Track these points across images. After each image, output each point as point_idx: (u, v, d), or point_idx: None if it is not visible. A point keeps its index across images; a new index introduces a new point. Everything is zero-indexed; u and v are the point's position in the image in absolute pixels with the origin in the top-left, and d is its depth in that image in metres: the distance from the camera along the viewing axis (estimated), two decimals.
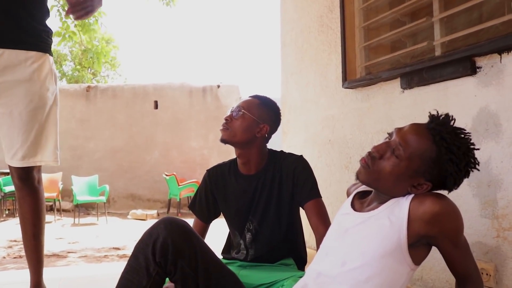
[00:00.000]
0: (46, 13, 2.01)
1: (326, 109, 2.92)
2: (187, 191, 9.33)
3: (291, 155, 1.96)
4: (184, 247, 1.49)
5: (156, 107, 10.28)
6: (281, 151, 2.02)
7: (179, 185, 9.23)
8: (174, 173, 9.47)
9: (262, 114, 1.93)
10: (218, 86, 10.20)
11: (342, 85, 2.63)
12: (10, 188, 8.51)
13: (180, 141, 10.20)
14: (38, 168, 2.02)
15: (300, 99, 3.29)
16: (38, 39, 1.93)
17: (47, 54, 1.97)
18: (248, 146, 1.89)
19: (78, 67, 21.46)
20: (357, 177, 1.38)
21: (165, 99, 10.26)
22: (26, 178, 1.99)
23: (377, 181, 1.32)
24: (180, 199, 9.26)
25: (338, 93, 2.78)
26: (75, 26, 6.43)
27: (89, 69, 20.23)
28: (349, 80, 2.58)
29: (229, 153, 9.97)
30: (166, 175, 9.43)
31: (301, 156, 1.96)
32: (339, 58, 2.76)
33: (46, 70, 1.94)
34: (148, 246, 1.47)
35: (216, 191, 1.99)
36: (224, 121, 1.93)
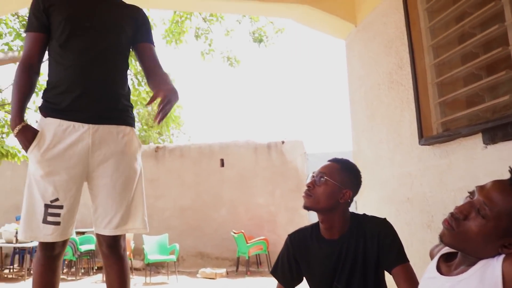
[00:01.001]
0: (129, 90, 2.16)
1: (402, 166, 2.87)
2: (256, 249, 9.27)
3: (374, 218, 1.93)
4: None
5: (222, 165, 10.48)
6: (364, 214, 1.99)
7: (247, 243, 9.20)
8: (242, 231, 9.47)
9: (344, 179, 1.93)
10: (283, 142, 10.30)
11: (419, 142, 2.58)
12: (86, 247, 8.83)
13: (246, 198, 10.27)
14: (124, 237, 2.10)
15: (373, 156, 3.26)
16: (126, 115, 2.07)
17: (134, 128, 2.10)
18: (331, 212, 1.88)
19: (145, 127, 22.44)
20: (441, 240, 1.34)
21: (231, 156, 10.45)
22: (114, 246, 2.06)
23: (463, 243, 1.27)
24: (249, 257, 9.19)
25: (414, 150, 2.73)
26: (146, 92, 6.80)
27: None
28: (426, 137, 2.53)
29: (296, 209, 9.87)
30: (234, 233, 9.45)
31: (385, 219, 1.92)
32: (412, 114, 2.73)
33: (135, 143, 2.07)
34: None
35: (299, 256, 1.98)
36: (306, 187, 1.94)
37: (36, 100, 6.78)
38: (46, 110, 1.98)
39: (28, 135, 1.93)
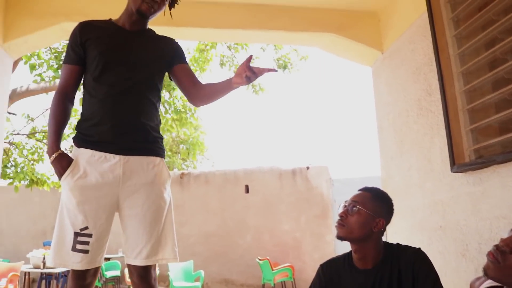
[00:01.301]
0: (160, 122, 2.20)
1: (434, 194, 2.82)
2: (281, 275, 9.15)
3: (408, 248, 1.90)
4: None
5: (247, 191, 10.47)
6: (397, 243, 1.96)
7: (272, 270, 9.10)
8: (267, 257, 9.38)
9: (377, 208, 1.91)
10: (308, 168, 10.26)
11: (451, 169, 2.54)
12: (111, 273, 8.85)
13: (271, 224, 10.20)
14: (155, 267, 2.10)
15: (403, 183, 3.22)
16: (156, 146, 2.10)
17: (163, 159, 2.12)
18: (365, 241, 1.86)
19: (169, 153, 22.64)
20: (485, 273, 1.30)
21: (256, 182, 10.44)
22: (145, 276, 2.06)
23: (510, 277, 1.23)
24: (274, 284, 9.08)
25: (446, 177, 2.69)
26: (173, 120, 6.89)
27: (179, 154, 21.24)
28: (458, 164, 2.49)
29: (322, 235, 9.75)
30: (259, 260, 9.37)
31: (419, 249, 1.89)
32: (443, 141, 2.70)
33: (165, 173, 2.09)
34: None
35: (331, 287, 1.95)
36: (338, 217, 1.93)
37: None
38: (79, 140, 2.03)
39: (63, 163, 1.98)
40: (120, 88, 2.01)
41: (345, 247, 2.00)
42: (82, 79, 2.12)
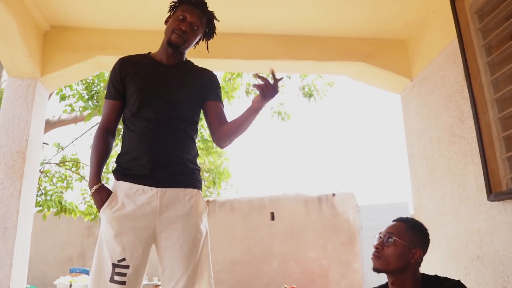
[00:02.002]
0: (197, 154, 2.22)
1: (469, 222, 2.77)
2: None
3: (447, 279, 1.87)
4: None
5: (272, 218, 10.41)
6: (435, 275, 1.93)
7: None
8: (294, 285, 9.26)
9: (413, 239, 1.90)
10: (334, 195, 10.17)
11: (488, 198, 2.50)
12: None
13: (297, 252, 10.09)
14: None
15: (436, 211, 3.17)
16: (193, 178, 2.11)
17: (200, 190, 2.14)
18: (402, 273, 1.84)
19: None
20: None
21: (281, 210, 10.39)
22: None
23: None
24: None
25: (482, 205, 2.64)
26: (199, 149, 6.95)
27: (204, 181, 21.29)
28: (495, 192, 2.45)
29: (349, 262, 9.60)
30: None
31: (459, 281, 1.85)
32: (477, 169, 2.67)
33: (202, 205, 2.10)
34: None
35: None
36: (374, 249, 1.91)
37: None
38: (118, 173, 2.07)
39: (102, 196, 2.02)
40: (157, 123, 2.05)
41: (373, 275, 1.98)
42: (122, 117, 2.17)
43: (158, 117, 2.05)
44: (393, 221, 2.03)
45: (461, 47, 2.79)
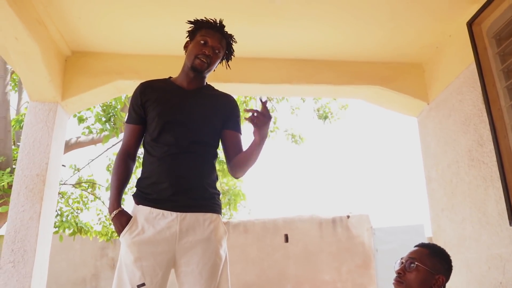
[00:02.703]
0: (216, 178, 2.22)
1: (490, 248, 2.73)
2: None
3: None
4: None
5: (286, 240, 10.34)
6: None
7: None
8: None
9: (436, 264, 1.88)
10: (348, 217, 10.09)
11: (510, 223, 2.47)
12: None
13: (312, 274, 9.98)
14: None
15: (456, 236, 3.13)
16: (213, 202, 2.11)
17: (220, 215, 2.14)
18: None
19: None
20: None
21: (295, 232, 10.31)
22: None
23: None
24: None
25: (504, 230, 2.60)
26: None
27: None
28: None
29: (364, 286, 9.47)
30: None
31: None
32: (498, 193, 2.64)
33: (221, 230, 2.10)
34: None
35: None
36: (396, 274, 1.90)
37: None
38: (138, 198, 2.08)
39: (122, 220, 2.02)
40: (177, 148, 2.06)
41: None
42: (143, 141, 2.19)
43: (179, 142, 2.07)
44: (415, 246, 2.02)
45: (479, 71, 2.79)
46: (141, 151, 2.27)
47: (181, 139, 2.07)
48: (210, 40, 2.13)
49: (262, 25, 3.24)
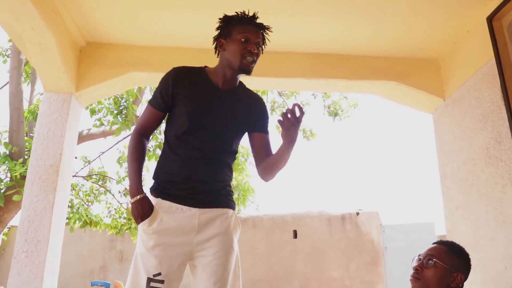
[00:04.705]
0: (232, 176, 2.22)
1: (507, 247, 2.70)
2: None
3: None
4: None
5: (295, 236, 10.33)
6: None
7: None
8: None
9: (454, 262, 1.85)
10: (357, 214, 10.06)
11: None
12: None
13: (320, 271, 9.97)
14: None
15: (471, 234, 3.10)
16: (229, 199, 2.14)
17: (235, 211, 2.15)
18: None
19: None
20: None
21: (304, 228, 10.30)
22: None
23: None
24: None
25: None
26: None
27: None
28: None
29: (373, 283, 9.45)
30: None
31: None
32: None
33: (236, 225, 2.12)
34: None
35: None
36: (413, 270, 1.87)
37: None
38: (157, 192, 2.07)
39: (144, 207, 2.00)
40: (201, 152, 2.05)
41: None
42: (165, 130, 2.17)
43: (203, 148, 2.05)
44: (433, 243, 2.00)
45: (499, 67, 2.75)
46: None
47: (206, 145, 2.05)
48: (251, 36, 2.05)
49: (278, 19, 3.20)
